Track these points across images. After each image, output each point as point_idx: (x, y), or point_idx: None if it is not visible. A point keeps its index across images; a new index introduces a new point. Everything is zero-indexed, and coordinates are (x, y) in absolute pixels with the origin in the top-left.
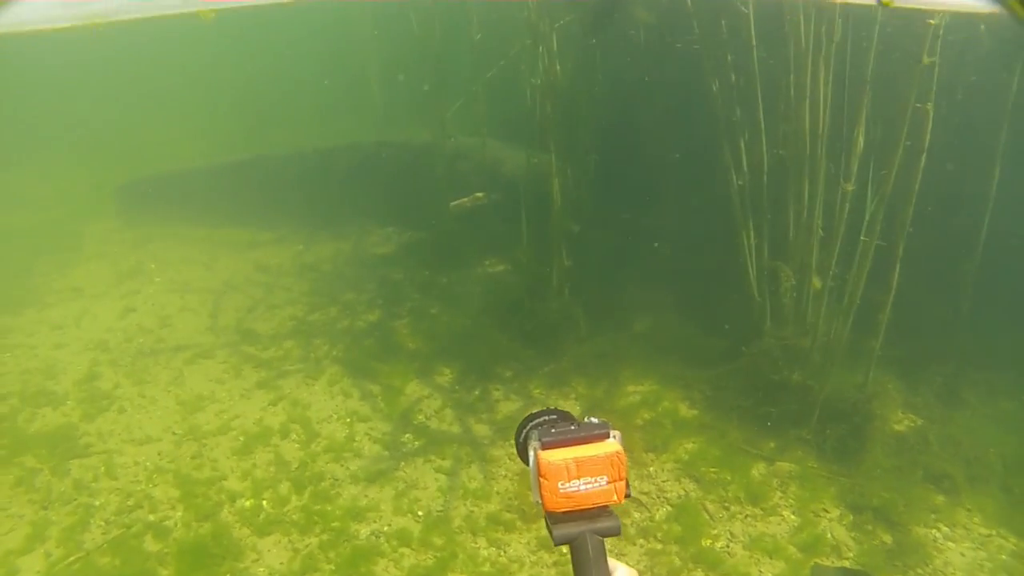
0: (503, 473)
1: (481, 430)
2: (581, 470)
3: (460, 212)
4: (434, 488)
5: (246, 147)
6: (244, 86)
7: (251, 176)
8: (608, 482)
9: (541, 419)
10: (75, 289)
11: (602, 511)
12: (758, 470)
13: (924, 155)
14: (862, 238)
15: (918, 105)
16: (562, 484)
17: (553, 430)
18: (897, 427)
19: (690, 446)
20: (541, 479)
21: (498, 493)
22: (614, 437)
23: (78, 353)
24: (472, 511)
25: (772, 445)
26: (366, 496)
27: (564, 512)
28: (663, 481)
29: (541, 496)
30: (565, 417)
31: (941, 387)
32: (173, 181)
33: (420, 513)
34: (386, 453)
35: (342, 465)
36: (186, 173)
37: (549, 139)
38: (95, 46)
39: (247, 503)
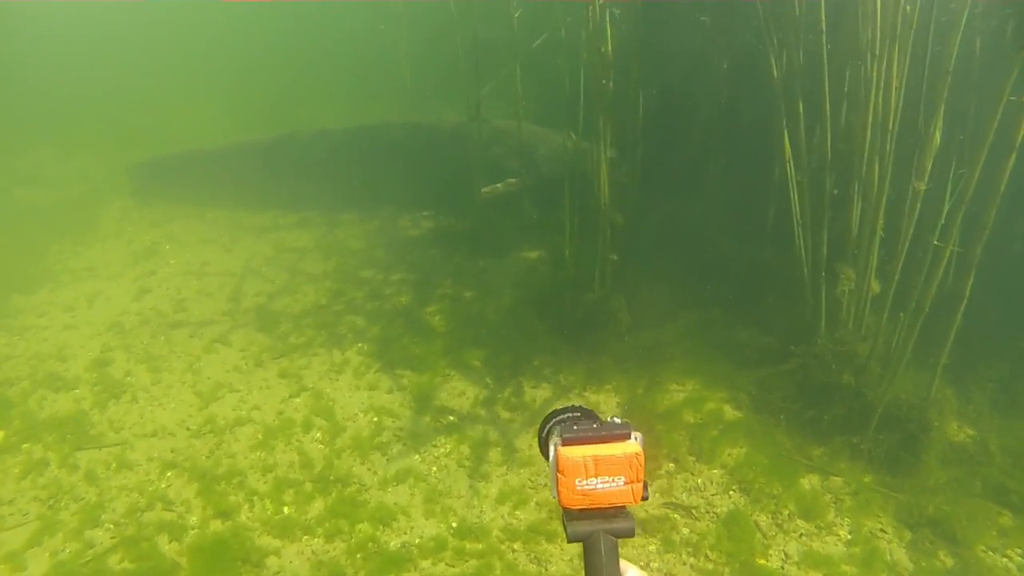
0: (542, 480)
1: (517, 431)
2: (599, 468)
3: (492, 197)
4: (468, 493)
5: (270, 126)
6: (269, 61)
7: (274, 156)
8: (625, 483)
9: (564, 416)
10: (89, 269)
11: (618, 512)
12: (809, 481)
13: (1014, 154)
14: (935, 242)
15: (1012, 98)
16: (579, 481)
17: (575, 427)
18: (954, 437)
19: (737, 452)
20: (559, 475)
21: (538, 503)
22: (635, 438)
23: (90, 336)
24: (510, 521)
25: (822, 453)
26: (395, 500)
27: (580, 510)
28: (712, 493)
29: (558, 492)
30: (588, 415)
31: (1000, 395)
32: (192, 160)
33: (454, 522)
34: (416, 454)
35: (369, 465)
36: (206, 152)
37: (593, 123)
38: (117, 16)
39: (268, 504)
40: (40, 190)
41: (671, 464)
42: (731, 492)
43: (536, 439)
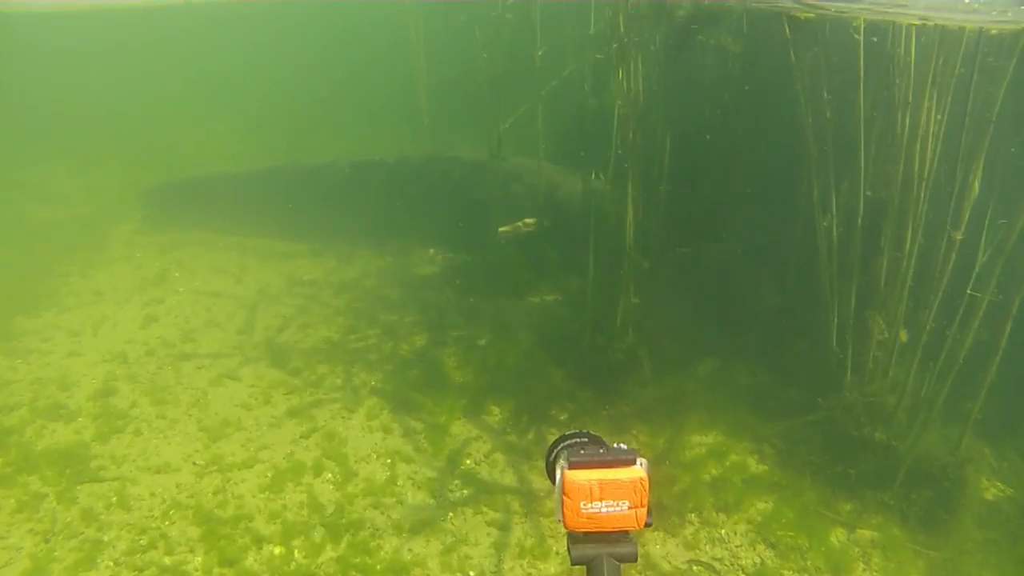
0: (562, 530)
1: (535, 479)
2: (604, 492)
3: (509, 237)
4: (486, 544)
5: (287, 153)
6: (288, 88)
7: (288, 184)
8: (630, 507)
9: (572, 440)
10: (96, 293)
11: (622, 536)
12: (837, 536)
13: None
14: (969, 292)
15: None
16: (584, 504)
17: (582, 451)
18: (987, 495)
19: (763, 506)
20: (565, 497)
21: (558, 553)
22: (641, 464)
23: (94, 364)
24: (531, 572)
25: (850, 508)
26: (410, 550)
27: (585, 533)
28: (736, 546)
29: (563, 514)
30: (595, 440)
31: None
32: (205, 185)
33: (472, 574)
34: (432, 501)
35: (383, 512)
36: (219, 177)
37: (618, 164)
38: (136, 31)
39: (276, 550)
40: (49, 207)
41: (695, 517)
42: (757, 546)
43: (544, 464)
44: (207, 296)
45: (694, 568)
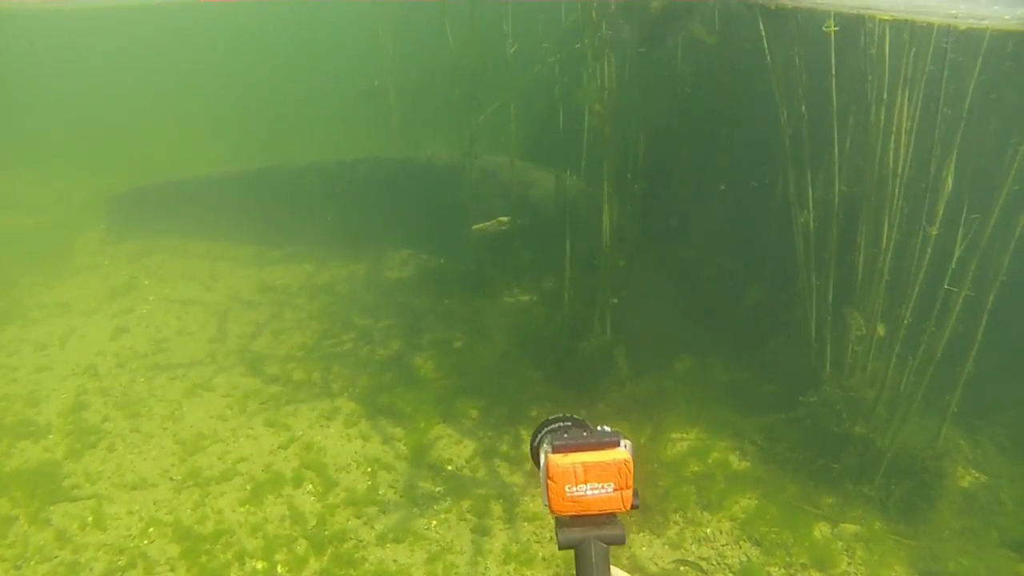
0: (547, 534)
1: (517, 482)
2: (588, 475)
3: (483, 237)
4: (471, 551)
5: (257, 156)
6: (258, 90)
7: (258, 188)
8: (615, 489)
9: (556, 424)
10: (62, 305)
11: (609, 519)
12: (821, 531)
13: None
14: (946, 286)
15: None
16: (569, 488)
17: (565, 435)
18: (964, 484)
19: (746, 503)
20: (549, 481)
21: (544, 558)
22: (624, 446)
23: (64, 378)
24: None
25: (832, 502)
26: (395, 560)
27: (571, 517)
28: (722, 545)
29: (549, 499)
30: (580, 424)
31: (1008, 442)
32: (173, 190)
33: None
34: (415, 508)
35: (365, 521)
36: (188, 182)
37: (592, 162)
38: (105, 32)
39: (259, 565)
40: (11, 215)
41: (679, 516)
42: (742, 543)
43: (529, 449)
44: (178, 304)
45: (681, 568)
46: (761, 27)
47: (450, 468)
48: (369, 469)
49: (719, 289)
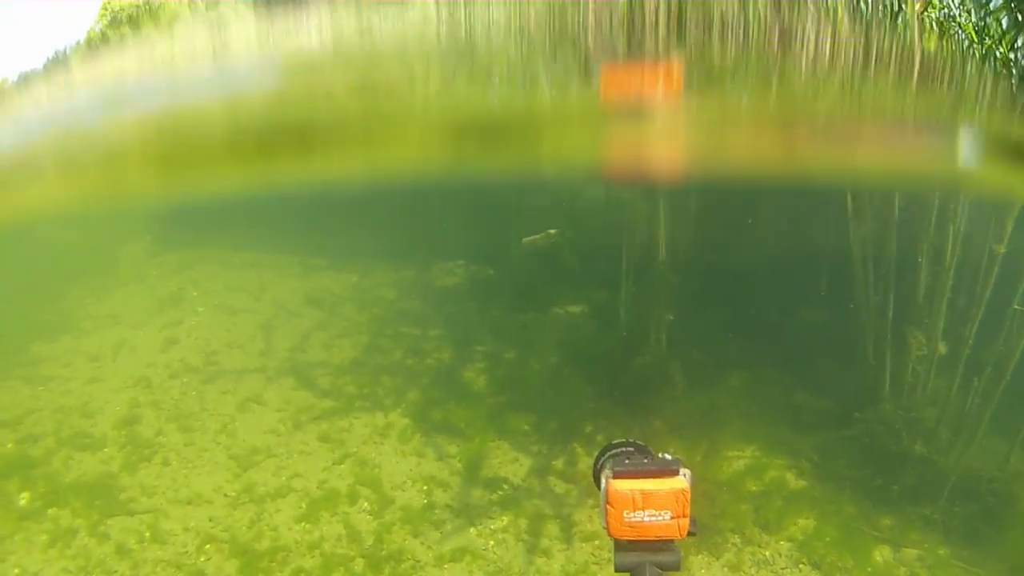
0: (605, 555)
1: (574, 502)
2: (647, 502)
3: (532, 249)
4: (530, 572)
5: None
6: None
7: (305, 199)
8: (672, 517)
9: (619, 449)
10: (112, 316)
11: (665, 545)
12: (881, 554)
13: None
14: (1015, 306)
15: None
16: (627, 513)
17: (627, 461)
18: None
19: (804, 523)
20: (608, 506)
21: None
22: (684, 475)
23: (117, 390)
24: None
25: (892, 524)
26: None
27: (629, 541)
28: (782, 568)
29: (607, 522)
30: (642, 451)
31: None
32: (220, 201)
33: None
34: (472, 527)
35: (423, 541)
36: (234, 194)
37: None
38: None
39: None
40: (56, 228)
41: (737, 537)
42: (801, 566)
43: (592, 472)
44: (226, 315)
45: None
46: None
47: (506, 486)
48: (425, 487)
49: (772, 303)
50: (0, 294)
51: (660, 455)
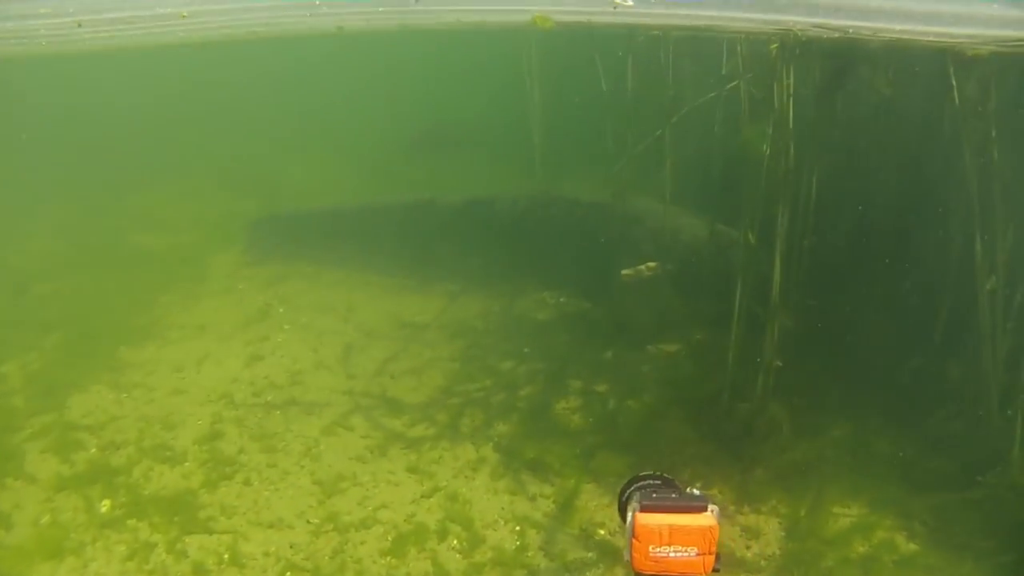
0: None
1: None
2: (673, 538)
3: (629, 282)
4: None
5: (395, 189)
6: (396, 116)
7: (396, 221)
8: (697, 554)
9: (646, 482)
10: (198, 327)
11: None
12: None
13: None
14: None
15: None
16: (653, 548)
17: (655, 495)
18: None
19: None
20: (634, 540)
21: None
22: (712, 512)
23: (200, 404)
24: None
25: None
26: None
27: (652, 575)
28: None
29: (631, 556)
30: (669, 484)
31: None
32: (308, 218)
33: None
34: (566, 575)
35: None
36: (325, 211)
37: (756, 212)
38: (253, 58)
39: None
40: (150, 234)
41: None
42: None
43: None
44: (313, 335)
45: None
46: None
47: (602, 532)
48: (517, 527)
49: (886, 353)
50: (93, 295)
51: (688, 490)
